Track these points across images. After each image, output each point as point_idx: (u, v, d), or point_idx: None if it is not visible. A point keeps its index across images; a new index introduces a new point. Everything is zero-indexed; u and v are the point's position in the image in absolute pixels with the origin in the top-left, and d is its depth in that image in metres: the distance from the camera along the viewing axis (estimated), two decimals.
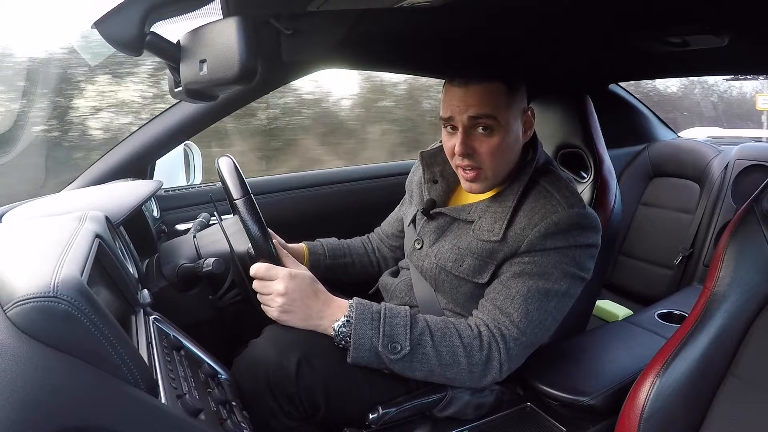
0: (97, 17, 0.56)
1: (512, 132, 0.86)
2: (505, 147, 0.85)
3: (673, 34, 0.89)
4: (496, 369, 0.82)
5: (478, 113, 0.82)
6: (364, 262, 1.18)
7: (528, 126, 0.89)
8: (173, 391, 0.55)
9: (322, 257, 1.11)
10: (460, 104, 0.83)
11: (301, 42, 0.97)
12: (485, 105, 0.82)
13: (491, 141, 0.84)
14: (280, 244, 1.05)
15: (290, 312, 0.81)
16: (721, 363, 0.78)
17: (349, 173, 1.67)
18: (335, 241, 1.17)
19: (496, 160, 0.85)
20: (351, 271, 1.16)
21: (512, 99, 0.84)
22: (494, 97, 0.83)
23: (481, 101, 0.82)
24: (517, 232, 0.85)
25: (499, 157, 0.85)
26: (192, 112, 1.18)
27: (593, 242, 0.86)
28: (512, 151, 0.88)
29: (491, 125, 0.83)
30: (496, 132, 0.84)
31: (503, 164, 0.87)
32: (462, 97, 0.83)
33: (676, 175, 1.82)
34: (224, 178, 0.87)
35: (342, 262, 1.15)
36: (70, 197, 0.98)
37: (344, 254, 1.16)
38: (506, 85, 0.83)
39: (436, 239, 0.95)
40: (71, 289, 0.44)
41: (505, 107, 0.83)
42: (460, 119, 0.84)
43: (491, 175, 0.87)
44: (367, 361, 0.80)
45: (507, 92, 0.84)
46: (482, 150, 0.84)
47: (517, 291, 0.83)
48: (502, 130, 0.84)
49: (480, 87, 0.82)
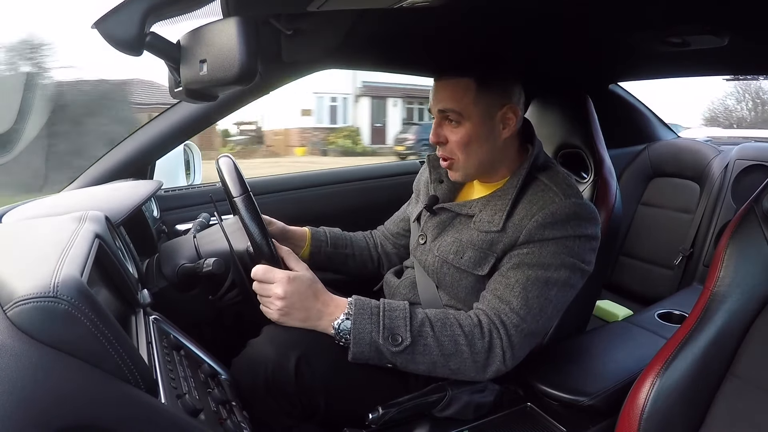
0: (97, 17, 0.56)
1: (483, 127, 0.89)
2: (474, 139, 0.89)
3: (673, 34, 0.89)
4: (499, 357, 0.82)
5: (444, 107, 0.89)
6: (364, 256, 1.19)
7: (507, 123, 0.90)
8: (173, 391, 0.55)
9: (324, 244, 1.12)
10: (434, 98, 0.92)
11: (301, 42, 0.97)
12: (450, 100, 0.88)
13: (459, 132, 0.89)
14: (282, 227, 1.07)
15: (289, 314, 0.82)
16: (721, 363, 0.77)
17: (351, 173, 1.68)
18: (338, 231, 1.19)
19: (465, 151, 0.90)
20: (351, 263, 1.17)
21: (482, 95, 0.88)
22: (460, 93, 0.88)
23: (448, 96, 0.89)
24: (516, 223, 0.86)
25: (469, 148, 0.90)
26: (192, 112, 1.18)
27: (592, 234, 0.86)
28: (484, 144, 0.90)
29: (457, 119, 0.89)
30: (462, 125, 0.89)
31: (474, 155, 0.91)
32: (435, 91, 0.92)
33: (676, 175, 1.82)
34: (223, 176, 0.87)
35: (342, 252, 1.16)
36: (70, 197, 0.98)
37: (345, 245, 1.16)
38: (476, 82, 0.87)
39: (438, 234, 0.97)
40: (71, 289, 0.44)
41: (472, 103, 0.88)
42: (434, 111, 0.92)
43: (463, 164, 0.92)
44: (368, 357, 0.80)
45: (477, 89, 0.87)
46: (451, 140, 0.91)
47: (516, 280, 0.83)
48: (469, 123, 0.89)
49: (449, 82, 0.89)
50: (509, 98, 0.90)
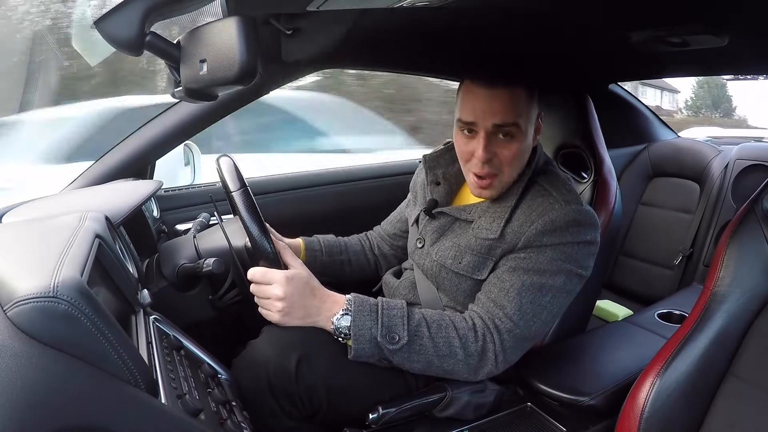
0: (98, 17, 0.56)
1: (528, 138, 0.86)
2: (523, 153, 0.86)
3: (673, 34, 0.89)
4: (491, 360, 0.82)
5: (503, 121, 0.81)
6: (360, 260, 1.19)
7: (539, 131, 0.90)
8: (173, 391, 0.55)
9: (319, 253, 1.12)
10: (485, 109, 0.82)
11: (301, 42, 0.97)
12: (510, 112, 0.81)
13: (512, 147, 0.83)
14: (276, 239, 1.05)
15: (290, 314, 0.81)
16: (721, 363, 0.78)
17: (350, 173, 1.67)
18: (332, 238, 1.17)
19: (513, 167, 0.86)
20: (347, 269, 1.17)
21: (531, 105, 0.85)
22: (518, 104, 0.82)
23: (507, 108, 0.81)
24: (515, 229, 0.85)
25: (516, 163, 0.86)
26: (192, 112, 1.17)
27: (591, 239, 0.86)
28: (525, 155, 0.88)
29: (513, 132, 0.83)
30: (516, 139, 0.83)
31: (517, 169, 0.88)
32: (487, 102, 0.81)
33: (676, 175, 1.82)
34: (222, 174, 0.87)
35: (338, 260, 1.15)
36: (70, 197, 0.98)
37: (341, 251, 1.16)
38: (527, 91, 0.83)
39: (437, 238, 0.96)
40: (71, 289, 0.44)
41: (525, 114, 0.83)
42: (483, 125, 0.83)
43: (506, 181, 0.87)
44: (369, 354, 0.80)
45: (527, 98, 0.84)
46: (502, 156, 0.84)
47: (511, 284, 0.83)
48: (522, 136, 0.84)
49: (506, 92, 0.81)
50: (538, 105, 0.89)
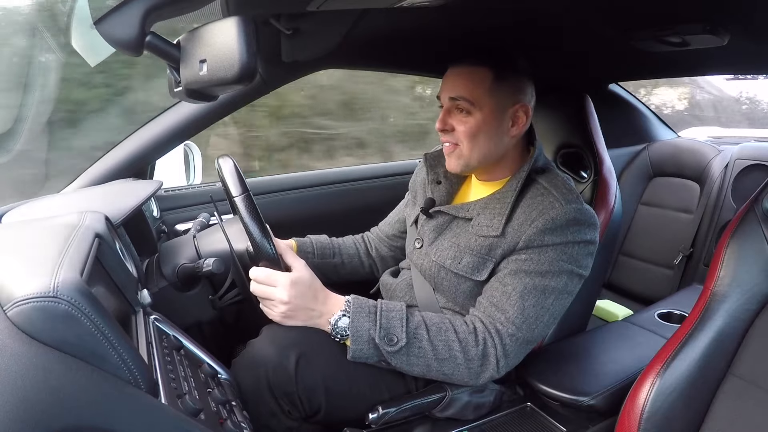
0: (98, 17, 0.56)
1: (493, 120, 0.88)
2: (482, 131, 0.88)
3: (673, 34, 0.89)
4: (493, 365, 0.82)
5: (456, 95, 0.87)
6: (354, 263, 1.18)
7: (517, 121, 0.90)
8: (173, 391, 0.55)
9: (311, 255, 1.11)
10: (446, 85, 0.90)
11: (301, 42, 0.97)
12: (464, 88, 0.87)
13: (467, 121, 0.88)
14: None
15: (293, 317, 0.82)
16: (721, 363, 0.78)
17: (349, 173, 1.67)
18: (325, 240, 1.17)
19: (471, 141, 0.89)
20: (341, 271, 1.16)
21: (497, 87, 0.87)
22: (475, 82, 0.86)
23: (462, 84, 0.87)
24: (515, 228, 0.85)
25: (475, 139, 0.88)
26: (192, 112, 1.17)
27: (591, 239, 0.86)
28: (491, 138, 0.89)
29: (467, 108, 0.87)
30: (472, 114, 0.87)
31: (479, 147, 0.89)
32: (450, 78, 0.89)
33: (676, 175, 1.82)
34: (223, 176, 0.87)
35: (331, 262, 1.14)
36: (70, 197, 0.98)
37: (333, 254, 1.15)
38: (493, 73, 0.86)
39: (435, 237, 0.96)
40: (71, 289, 0.44)
41: (486, 93, 0.86)
42: (444, 98, 0.90)
43: (467, 154, 0.90)
44: (367, 355, 0.80)
45: (493, 80, 0.86)
46: (458, 129, 0.89)
47: (513, 288, 0.83)
48: (479, 113, 0.87)
49: (466, 70, 0.88)
50: (522, 96, 0.89)
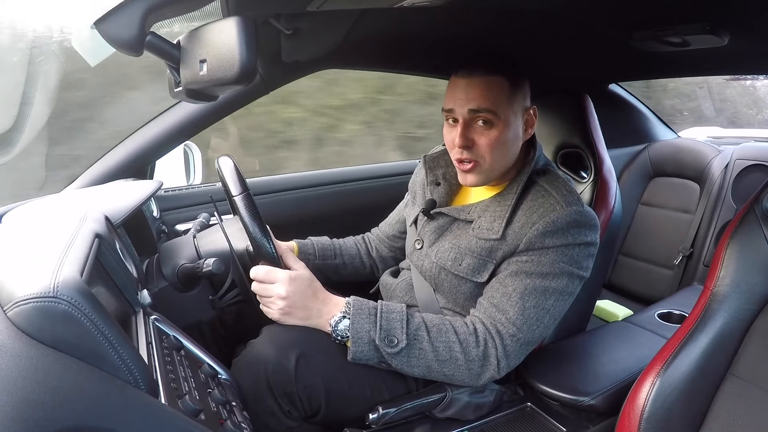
0: (98, 17, 0.56)
1: (512, 128, 0.86)
2: (504, 142, 0.86)
3: (673, 34, 0.89)
4: (493, 366, 0.82)
5: (479, 107, 0.83)
6: (355, 264, 1.18)
7: (529, 125, 0.90)
8: (173, 391, 0.55)
9: (312, 257, 1.11)
10: (462, 96, 0.84)
11: (301, 42, 0.97)
12: (486, 99, 0.83)
13: (490, 134, 0.85)
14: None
15: (291, 314, 0.82)
16: (721, 363, 0.78)
17: (349, 173, 1.67)
18: (326, 241, 1.17)
19: (493, 154, 0.86)
20: (342, 272, 1.16)
21: (514, 95, 0.85)
22: (495, 92, 0.84)
23: (482, 95, 0.83)
24: (516, 230, 0.85)
25: (497, 151, 0.86)
26: (192, 112, 1.18)
27: (591, 240, 0.86)
28: (511, 147, 0.88)
29: (491, 119, 0.84)
30: (495, 126, 0.85)
31: (501, 159, 0.88)
32: (464, 89, 0.84)
33: (676, 175, 1.82)
34: (223, 176, 0.87)
35: (332, 263, 1.14)
36: (70, 197, 0.98)
37: (334, 255, 1.15)
38: (509, 81, 0.84)
39: (435, 239, 0.96)
40: (71, 289, 0.44)
41: (506, 102, 0.84)
42: (460, 112, 0.85)
43: (488, 168, 0.88)
44: (368, 357, 0.80)
45: (509, 88, 0.84)
46: (481, 143, 0.85)
47: (514, 289, 0.83)
48: (501, 124, 0.85)
49: (482, 80, 0.84)
50: (529, 99, 0.89)
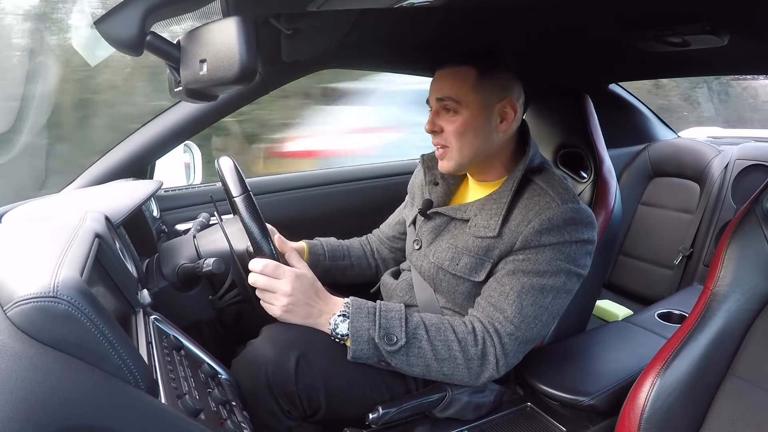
0: (98, 17, 0.56)
1: (480, 117, 0.88)
2: (470, 129, 0.89)
3: (673, 34, 0.89)
4: (492, 364, 0.82)
5: (443, 95, 0.89)
6: (362, 264, 1.18)
7: (505, 117, 0.90)
8: (173, 391, 0.55)
9: (322, 258, 1.11)
10: (433, 87, 0.91)
11: (301, 42, 0.97)
12: (450, 88, 0.88)
13: (455, 120, 0.89)
14: (282, 241, 1.05)
15: (293, 311, 0.82)
16: (721, 363, 0.78)
17: (350, 173, 1.67)
18: (335, 242, 1.17)
19: (460, 140, 0.89)
20: (349, 273, 1.16)
21: (481, 85, 0.87)
22: (460, 81, 0.87)
23: (447, 84, 0.88)
24: (512, 228, 0.85)
25: (464, 138, 0.89)
26: (192, 112, 1.18)
27: (588, 238, 0.86)
28: (479, 135, 0.89)
29: (454, 107, 0.88)
30: (459, 113, 0.88)
31: (468, 146, 0.90)
32: (436, 81, 0.91)
33: (676, 175, 1.82)
34: (223, 176, 0.87)
35: (341, 264, 1.15)
36: (70, 197, 0.98)
37: (343, 256, 1.16)
38: (477, 71, 0.87)
39: (433, 239, 0.96)
40: (71, 289, 0.44)
41: (471, 91, 0.87)
42: (432, 101, 0.91)
43: (456, 154, 0.90)
44: (367, 356, 0.80)
45: (476, 77, 0.87)
46: (447, 129, 0.90)
47: (511, 287, 0.83)
48: (467, 112, 0.88)
49: (450, 71, 0.89)
50: (509, 92, 0.89)
